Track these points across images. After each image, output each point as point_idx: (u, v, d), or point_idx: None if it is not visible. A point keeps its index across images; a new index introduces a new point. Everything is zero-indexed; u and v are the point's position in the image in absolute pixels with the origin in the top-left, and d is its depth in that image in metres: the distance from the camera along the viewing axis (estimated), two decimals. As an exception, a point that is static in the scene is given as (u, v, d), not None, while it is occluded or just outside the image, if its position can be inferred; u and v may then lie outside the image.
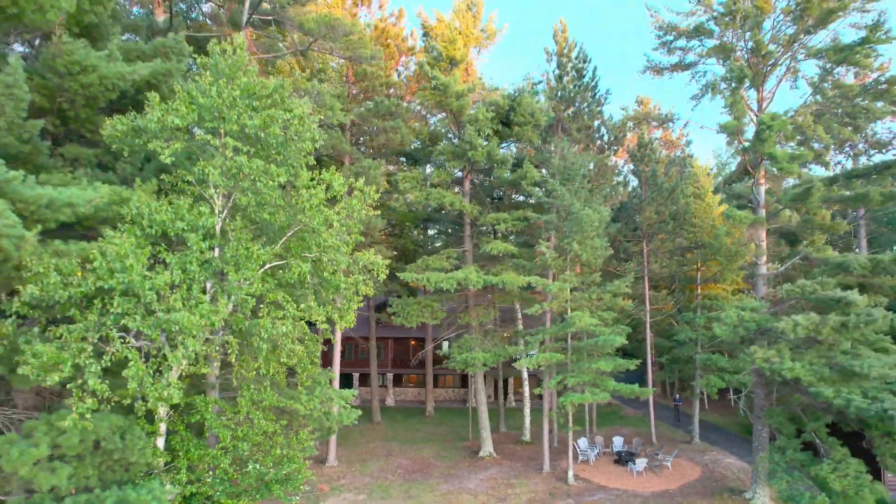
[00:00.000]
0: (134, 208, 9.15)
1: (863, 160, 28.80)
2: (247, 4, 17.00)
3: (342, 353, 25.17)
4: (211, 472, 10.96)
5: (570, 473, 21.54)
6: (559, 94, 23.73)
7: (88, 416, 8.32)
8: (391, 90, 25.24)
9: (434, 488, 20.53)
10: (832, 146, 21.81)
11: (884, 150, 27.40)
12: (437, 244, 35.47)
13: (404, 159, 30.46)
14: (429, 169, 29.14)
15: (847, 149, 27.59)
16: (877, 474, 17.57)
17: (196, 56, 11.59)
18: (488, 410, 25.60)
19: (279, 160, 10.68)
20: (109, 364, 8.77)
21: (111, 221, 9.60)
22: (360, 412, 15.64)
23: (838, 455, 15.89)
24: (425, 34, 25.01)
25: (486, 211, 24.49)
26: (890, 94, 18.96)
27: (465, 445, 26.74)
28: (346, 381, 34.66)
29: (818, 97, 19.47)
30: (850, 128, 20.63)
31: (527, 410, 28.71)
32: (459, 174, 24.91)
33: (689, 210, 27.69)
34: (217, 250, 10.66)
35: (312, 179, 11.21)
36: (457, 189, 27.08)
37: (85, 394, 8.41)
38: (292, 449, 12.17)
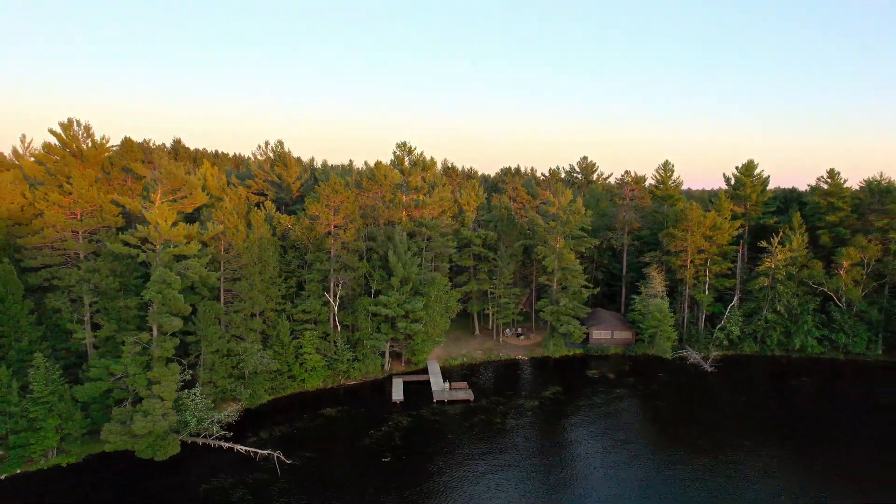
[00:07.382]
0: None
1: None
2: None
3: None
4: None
5: (501, 339, 76.74)
6: (503, 230, 75.11)
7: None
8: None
9: (461, 343, 75.51)
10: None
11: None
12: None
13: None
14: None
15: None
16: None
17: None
18: (479, 323, 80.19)
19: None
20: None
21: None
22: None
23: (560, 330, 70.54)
24: (457, 202, 75.99)
25: (478, 264, 76.98)
26: (585, 243, 71.58)
27: (469, 332, 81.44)
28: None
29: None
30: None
31: (492, 323, 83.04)
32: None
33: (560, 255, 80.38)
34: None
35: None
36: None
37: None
38: (441, 327, 65.71)
